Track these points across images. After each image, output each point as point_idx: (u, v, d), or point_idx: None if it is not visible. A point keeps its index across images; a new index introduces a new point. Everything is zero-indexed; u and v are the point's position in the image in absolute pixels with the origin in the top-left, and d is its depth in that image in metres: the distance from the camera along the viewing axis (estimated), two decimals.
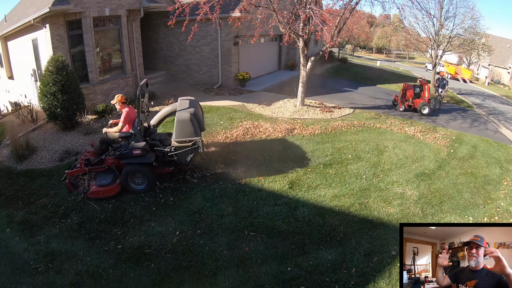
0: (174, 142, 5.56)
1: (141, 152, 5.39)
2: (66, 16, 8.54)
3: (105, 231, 4.77)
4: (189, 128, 5.48)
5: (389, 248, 4.47)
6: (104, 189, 5.37)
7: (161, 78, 13.41)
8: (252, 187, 5.83)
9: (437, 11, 16.70)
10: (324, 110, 10.36)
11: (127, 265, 4.17)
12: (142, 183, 5.58)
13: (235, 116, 9.10)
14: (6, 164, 6.89)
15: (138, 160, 5.42)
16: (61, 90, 7.76)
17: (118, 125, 5.90)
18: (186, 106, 5.84)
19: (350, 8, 9.14)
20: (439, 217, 5.34)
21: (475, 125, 10.99)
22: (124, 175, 5.44)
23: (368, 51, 52.97)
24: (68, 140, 7.79)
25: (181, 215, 5.09)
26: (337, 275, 4.01)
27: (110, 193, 5.40)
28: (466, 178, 6.68)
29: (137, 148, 5.39)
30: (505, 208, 5.71)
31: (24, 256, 4.30)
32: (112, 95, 10.12)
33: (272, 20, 8.85)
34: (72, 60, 8.96)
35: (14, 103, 11.07)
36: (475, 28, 18.56)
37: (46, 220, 5.01)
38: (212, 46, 12.68)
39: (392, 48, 46.01)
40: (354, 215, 5.20)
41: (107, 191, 5.38)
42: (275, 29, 9.23)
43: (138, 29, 10.97)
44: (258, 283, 3.90)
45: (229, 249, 4.42)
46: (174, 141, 5.55)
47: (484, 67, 34.81)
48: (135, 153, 5.38)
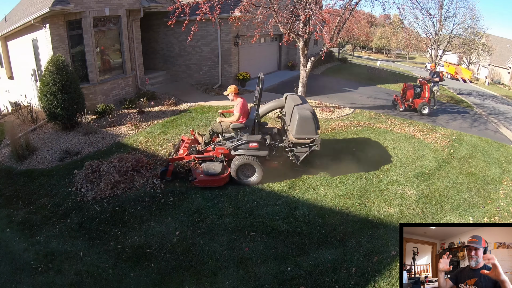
0: (293, 138, 5.60)
1: (257, 146, 5.48)
2: (66, 16, 8.54)
3: (105, 231, 4.77)
4: (310, 126, 5.54)
5: (389, 248, 4.47)
6: (213, 179, 5.47)
7: (161, 78, 13.42)
8: (252, 187, 5.83)
9: (437, 11, 16.75)
10: (324, 110, 10.36)
11: (127, 265, 4.17)
12: (251, 175, 5.70)
13: None
14: (6, 164, 6.89)
15: (253, 152, 5.50)
16: (61, 90, 7.76)
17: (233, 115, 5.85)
18: (300, 102, 5.92)
19: (350, 8, 9.13)
20: (439, 217, 5.34)
21: (475, 125, 10.99)
22: (236, 166, 5.54)
23: (368, 51, 52.99)
24: (68, 140, 7.79)
25: (181, 215, 5.09)
26: (337, 275, 4.01)
27: (219, 183, 5.53)
28: (466, 178, 6.68)
29: (254, 141, 5.48)
30: (505, 208, 5.71)
31: (24, 256, 4.30)
32: (112, 95, 10.16)
33: (272, 20, 8.85)
34: (72, 60, 8.96)
35: (14, 103, 11.08)
36: (475, 28, 18.60)
37: (46, 220, 5.01)
38: (212, 46, 12.68)
39: (392, 48, 46.05)
40: (354, 215, 5.20)
41: (216, 181, 5.49)
42: (275, 29, 9.23)
43: (138, 29, 10.98)
44: (258, 283, 3.90)
45: (229, 249, 4.42)
46: (293, 137, 5.60)
47: (484, 67, 34.82)
48: (252, 145, 5.48)
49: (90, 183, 5.76)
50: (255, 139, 5.50)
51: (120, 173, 5.85)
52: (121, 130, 8.23)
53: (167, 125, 8.51)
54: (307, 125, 5.53)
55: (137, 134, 7.99)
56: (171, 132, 8.06)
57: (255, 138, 5.51)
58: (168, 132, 8.10)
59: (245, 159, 5.53)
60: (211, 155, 5.77)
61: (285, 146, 5.70)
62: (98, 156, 6.83)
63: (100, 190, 5.54)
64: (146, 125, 8.56)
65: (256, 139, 5.50)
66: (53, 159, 6.93)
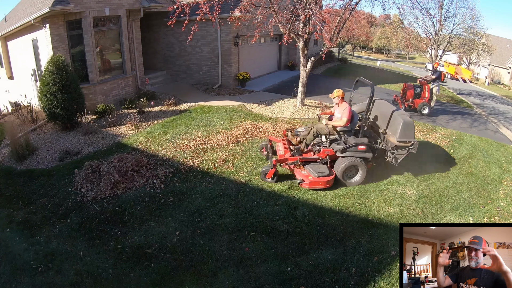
0: (395, 142, 5.87)
1: (365, 148, 5.77)
2: (66, 16, 8.54)
3: (105, 231, 4.78)
4: (412, 131, 5.88)
5: (389, 248, 4.47)
6: (323, 180, 5.61)
7: (161, 78, 13.42)
8: (252, 187, 5.84)
9: (437, 11, 16.73)
10: (324, 110, 10.36)
11: (127, 265, 4.17)
12: (353, 176, 5.93)
13: (235, 116, 9.10)
14: (6, 164, 6.89)
15: (360, 154, 5.76)
16: (61, 90, 7.76)
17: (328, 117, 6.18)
18: (395, 108, 6.28)
19: (350, 8, 9.13)
20: (439, 217, 5.34)
21: (475, 125, 10.99)
22: (344, 168, 5.76)
23: (368, 51, 52.98)
24: (68, 140, 7.79)
25: (181, 215, 5.09)
26: (337, 275, 4.01)
27: (328, 185, 5.69)
28: (466, 178, 6.68)
29: (362, 144, 5.75)
30: (505, 208, 5.71)
31: (24, 256, 4.30)
32: (112, 95, 10.15)
33: (272, 20, 8.84)
34: (72, 60, 8.96)
35: (14, 103, 11.07)
36: (475, 28, 18.60)
37: (46, 220, 5.01)
38: (212, 46, 12.68)
39: (392, 48, 46.05)
40: (354, 215, 5.20)
41: (325, 182, 5.63)
42: (275, 29, 9.23)
43: (138, 29, 10.97)
44: (258, 283, 3.90)
45: (229, 249, 4.42)
46: (396, 141, 5.86)
47: (484, 67, 34.82)
48: (360, 148, 5.73)
49: (90, 183, 5.76)
50: (363, 141, 5.78)
51: (120, 173, 5.86)
52: (121, 130, 8.23)
53: (167, 125, 8.51)
54: (410, 130, 5.85)
55: (137, 134, 7.99)
56: (171, 132, 8.06)
57: (363, 141, 5.77)
58: (168, 132, 8.10)
59: (353, 161, 5.77)
60: (315, 157, 5.90)
61: (388, 149, 6.01)
62: (98, 156, 6.84)
63: (100, 190, 5.54)
64: (146, 125, 8.57)
65: (364, 141, 5.78)
66: (53, 159, 6.93)
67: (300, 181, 5.68)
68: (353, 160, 5.77)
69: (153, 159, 6.76)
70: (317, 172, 5.62)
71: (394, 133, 5.93)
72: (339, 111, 6.03)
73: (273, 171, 5.82)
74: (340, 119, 5.96)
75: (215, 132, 8.04)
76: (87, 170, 5.99)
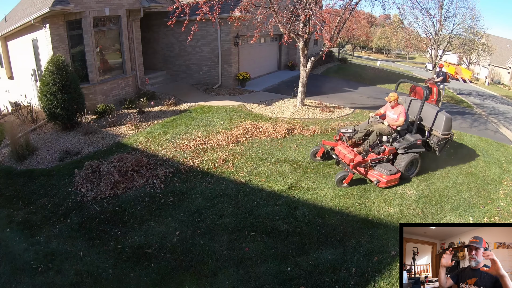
0: (440, 135, 6.57)
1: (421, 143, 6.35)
2: (66, 16, 8.54)
3: (105, 231, 4.78)
4: (451, 124, 6.69)
5: (389, 248, 4.47)
6: (395, 177, 5.92)
7: (161, 78, 13.42)
8: (252, 187, 5.84)
9: (437, 11, 16.73)
10: (324, 110, 10.36)
11: (127, 265, 4.17)
12: (410, 169, 6.37)
13: (235, 116, 9.10)
14: (6, 164, 6.89)
15: (417, 149, 6.27)
16: (61, 90, 7.76)
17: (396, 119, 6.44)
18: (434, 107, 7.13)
19: (350, 8, 9.13)
20: (439, 217, 5.34)
21: (475, 125, 11.00)
22: (406, 163, 6.11)
23: (368, 51, 52.98)
24: (68, 140, 7.79)
25: (181, 215, 5.09)
26: (337, 275, 4.01)
27: (397, 181, 6.03)
28: (466, 178, 6.68)
29: (420, 140, 6.33)
30: (505, 208, 5.71)
31: (24, 256, 4.30)
32: (112, 95, 10.16)
33: (272, 20, 8.84)
34: (72, 60, 8.96)
35: (14, 103, 11.07)
36: (475, 28, 18.60)
37: (46, 220, 5.01)
38: (212, 46, 12.68)
39: (392, 48, 46.05)
40: (354, 215, 5.20)
41: (397, 179, 5.98)
42: (275, 29, 9.23)
43: (138, 29, 10.97)
44: (258, 283, 3.90)
45: (229, 249, 4.42)
46: (441, 134, 6.57)
47: (484, 67, 34.82)
48: (418, 143, 6.30)
49: (90, 183, 5.76)
50: (419, 137, 6.35)
51: (120, 173, 5.86)
52: (121, 130, 8.23)
53: (167, 125, 8.51)
54: (450, 123, 6.66)
55: (137, 134, 7.99)
56: (171, 132, 8.06)
57: (419, 137, 6.35)
58: (168, 132, 8.10)
59: (413, 156, 6.19)
60: (381, 156, 6.13)
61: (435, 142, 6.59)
62: (98, 156, 6.84)
63: (100, 190, 5.54)
64: (146, 125, 8.56)
65: (420, 137, 6.36)
66: (53, 159, 6.93)
67: (377, 181, 5.85)
68: (413, 155, 6.18)
69: (153, 159, 6.76)
70: (388, 171, 5.86)
71: (439, 128, 6.58)
72: (395, 112, 6.42)
73: (352, 176, 5.86)
74: (397, 120, 6.35)
75: (215, 132, 8.04)
76: (87, 170, 5.99)
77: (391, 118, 6.49)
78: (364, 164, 5.96)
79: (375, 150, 6.22)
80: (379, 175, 5.87)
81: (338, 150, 6.43)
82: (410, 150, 6.19)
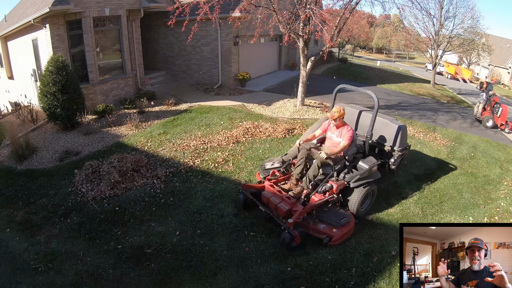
0: (397, 152, 5.46)
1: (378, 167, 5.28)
2: (66, 16, 8.54)
3: (105, 231, 4.77)
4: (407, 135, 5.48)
5: (389, 248, 4.47)
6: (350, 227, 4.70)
7: (161, 78, 13.42)
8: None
9: (437, 11, 16.76)
10: (324, 110, 10.35)
11: (127, 265, 4.17)
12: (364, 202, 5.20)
13: (235, 116, 9.10)
14: (6, 164, 6.89)
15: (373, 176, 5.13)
16: (61, 90, 7.75)
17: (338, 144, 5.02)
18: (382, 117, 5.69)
19: (350, 8, 9.13)
20: (439, 217, 5.33)
21: (475, 125, 11.01)
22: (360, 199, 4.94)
23: (368, 51, 52.98)
24: (68, 140, 7.79)
25: (181, 215, 5.09)
26: (337, 275, 4.01)
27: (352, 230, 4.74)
28: (466, 178, 6.68)
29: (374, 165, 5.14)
30: (505, 208, 5.71)
31: (24, 256, 4.29)
32: (112, 95, 10.16)
33: (272, 20, 8.84)
34: (72, 60, 8.95)
35: (14, 103, 11.07)
36: (475, 28, 18.63)
37: (46, 220, 5.01)
38: (212, 46, 12.68)
39: (392, 48, 46.04)
40: None
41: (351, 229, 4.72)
42: (275, 29, 9.23)
43: (138, 29, 10.97)
44: (258, 283, 3.90)
45: (229, 249, 4.41)
46: (397, 151, 5.45)
47: (484, 67, 34.81)
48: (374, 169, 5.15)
49: (90, 183, 5.76)
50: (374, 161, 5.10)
51: (120, 173, 5.86)
52: (121, 130, 8.22)
53: (167, 125, 8.51)
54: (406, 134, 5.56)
55: (137, 134, 7.99)
56: (171, 132, 8.06)
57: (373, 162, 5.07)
58: (168, 132, 8.09)
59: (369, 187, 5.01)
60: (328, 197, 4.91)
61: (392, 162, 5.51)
62: (98, 156, 6.84)
63: (100, 190, 5.54)
64: (146, 125, 8.56)
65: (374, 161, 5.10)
66: (53, 159, 6.93)
67: (326, 240, 4.36)
68: (369, 186, 4.93)
69: (153, 159, 6.76)
70: (340, 220, 4.50)
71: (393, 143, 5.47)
72: (339, 134, 4.94)
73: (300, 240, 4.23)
74: (340, 145, 4.84)
75: (215, 132, 8.04)
76: (87, 170, 5.99)
77: (334, 141, 4.99)
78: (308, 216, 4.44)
79: (319, 188, 4.69)
80: (330, 229, 4.40)
81: (267, 197, 4.69)
82: (365, 180, 4.89)
